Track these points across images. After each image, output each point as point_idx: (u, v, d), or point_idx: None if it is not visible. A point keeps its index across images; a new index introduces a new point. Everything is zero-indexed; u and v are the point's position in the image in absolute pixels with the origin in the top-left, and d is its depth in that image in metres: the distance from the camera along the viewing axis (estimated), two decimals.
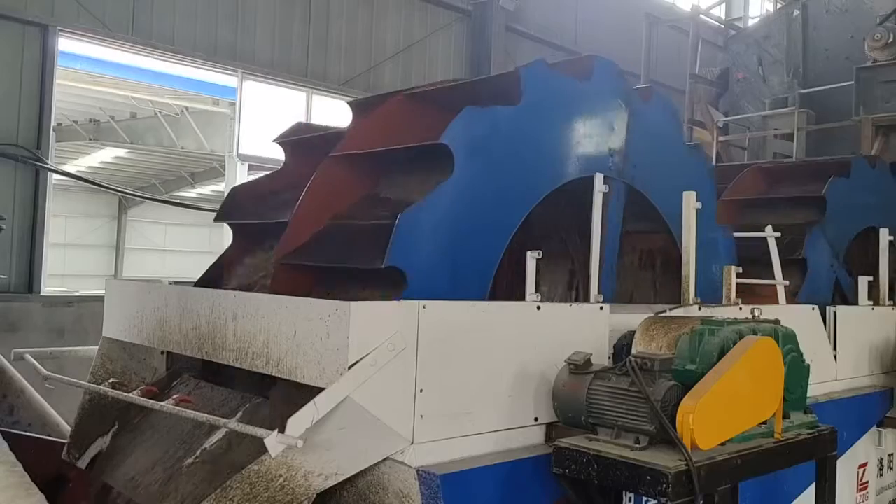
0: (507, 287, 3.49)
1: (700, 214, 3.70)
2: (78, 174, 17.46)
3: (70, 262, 25.14)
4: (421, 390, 2.56)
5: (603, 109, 3.64)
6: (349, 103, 4.09)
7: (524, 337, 2.92)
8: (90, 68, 12.76)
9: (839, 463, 3.35)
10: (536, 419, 2.95)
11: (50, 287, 11.18)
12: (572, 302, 4.16)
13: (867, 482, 4.97)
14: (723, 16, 17.40)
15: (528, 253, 3.06)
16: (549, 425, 2.98)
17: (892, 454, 5.29)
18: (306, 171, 3.48)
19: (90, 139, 19.40)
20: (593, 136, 3.58)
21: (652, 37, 13.80)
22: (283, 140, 4.03)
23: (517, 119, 3.24)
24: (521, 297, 3.04)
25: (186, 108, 16.75)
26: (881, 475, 5.17)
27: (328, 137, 3.75)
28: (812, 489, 3.25)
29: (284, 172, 3.96)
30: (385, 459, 2.59)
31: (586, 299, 3.50)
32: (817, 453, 3.10)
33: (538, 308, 2.99)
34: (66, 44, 10.48)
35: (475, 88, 3.64)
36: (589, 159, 3.53)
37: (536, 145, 3.33)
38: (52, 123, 10.29)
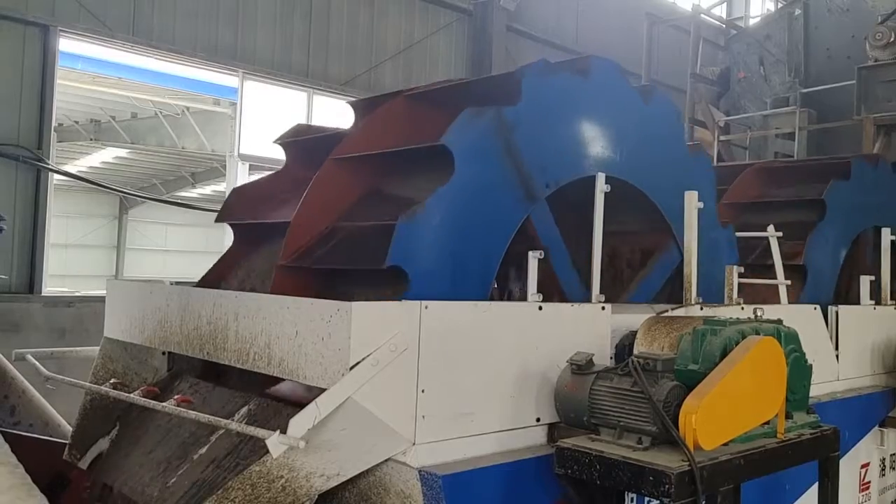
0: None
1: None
2: (79, 174, 17.45)
3: (71, 262, 25.15)
4: (423, 391, 2.56)
5: None
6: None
7: (526, 337, 2.92)
8: (91, 68, 12.75)
9: (841, 463, 3.34)
10: (538, 419, 2.95)
11: (51, 287, 11.17)
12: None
13: (869, 482, 4.97)
14: (724, 15, 17.40)
15: (530, 253, 3.06)
16: (551, 426, 2.98)
17: (894, 454, 5.28)
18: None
19: (91, 139, 19.40)
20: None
21: (653, 36, 13.79)
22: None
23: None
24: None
25: (187, 108, 16.74)
26: (883, 475, 5.16)
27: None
28: (814, 489, 3.25)
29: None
30: (387, 460, 2.59)
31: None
32: (820, 453, 3.09)
33: (540, 308, 2.98)
34: (66, 44, 10.47)
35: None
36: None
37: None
38: (53, 124, 10.29)
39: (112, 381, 3.54)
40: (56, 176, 11.04)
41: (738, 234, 4.46)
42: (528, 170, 3.23)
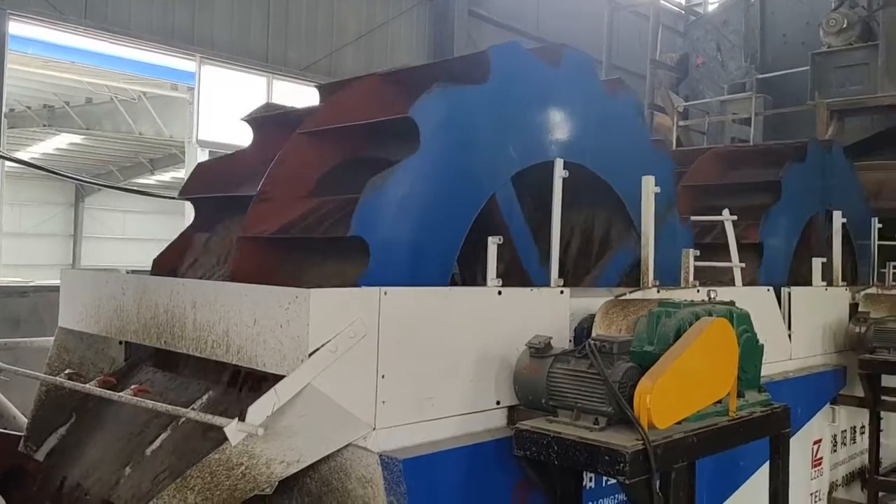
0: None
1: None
2: (31, 161, 17.00)
3: (26, 251, 24.58)
4: (383, 376, 2.57)
5: None
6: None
7: (485, 322, 2.94)
8: (43, 52, 12.42)
9: (794, 440, 3.44)
10: (498, 402, 2.98)
11: (4, 277, 10.91)
12: None
13: (821, 458, 5.12)
14: (683, 1, 17.58)
15: (490, 238, 3.08)
16: (510, 408, 3.01)
17: (845, 430, 5.45)
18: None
19: (44, 125, 18.94)
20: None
21: (613, 22, 13.88)
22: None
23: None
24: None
25: (144, 94, 16.40)
26: (835, 451, 5.33)
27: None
28: (767, 465, 3.34)
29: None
30: (348, 445, 2.59)
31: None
32: (771, 430, 3.17)
33: (499, 293, 3.01)
34: (17, 27, 10.19)
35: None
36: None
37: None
38: (4, 109, 10.03)
39: (67, 371, 3.48)
40: (8, 163, 10.77)
41: (694, 217, 4.53)
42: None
